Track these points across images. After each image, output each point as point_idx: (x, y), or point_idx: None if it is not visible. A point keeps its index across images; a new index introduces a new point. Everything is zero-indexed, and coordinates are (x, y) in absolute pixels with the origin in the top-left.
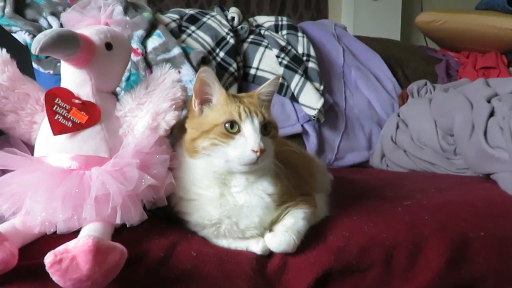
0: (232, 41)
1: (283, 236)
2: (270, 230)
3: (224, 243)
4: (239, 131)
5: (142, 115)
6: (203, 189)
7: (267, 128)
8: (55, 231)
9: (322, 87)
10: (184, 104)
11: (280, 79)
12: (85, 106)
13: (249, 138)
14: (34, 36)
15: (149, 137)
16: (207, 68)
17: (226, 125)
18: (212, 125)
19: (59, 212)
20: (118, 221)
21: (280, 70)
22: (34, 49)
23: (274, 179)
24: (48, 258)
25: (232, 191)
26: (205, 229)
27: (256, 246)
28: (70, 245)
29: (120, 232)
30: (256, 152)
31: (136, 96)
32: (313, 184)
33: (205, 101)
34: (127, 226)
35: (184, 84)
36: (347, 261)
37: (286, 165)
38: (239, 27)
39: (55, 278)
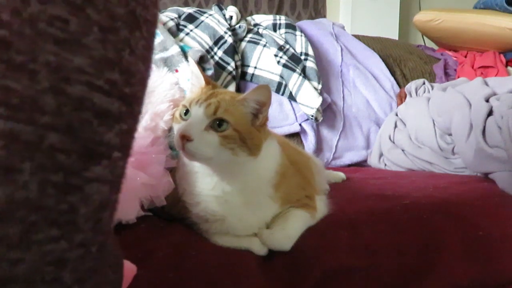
0: (230, 40)
1: (279, 233)
2: (268, 227)
3: (224, 240)
4: None
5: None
6: (204, 185)
7: (221, 126)
8: None
9: (320, 86)
10: None
11: (278, 80)
12: None
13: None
14: None
15: (145, 136)
16: (193, 62)
17: (183, 110)
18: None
19: None
20: None
21: (278, 69)
22: None
23: (279, 178)
24: None
25: (235, 190)
26: (207, 222)
27: (256, 245)
28: None
29: (119, 233)
30: (180, 136)
31: None
32: (314, 185)
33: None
34: (123, 223)
35: (181, 85)
36: (346, 261)
37: (291, 163)
38: (237, 26)
39: None
